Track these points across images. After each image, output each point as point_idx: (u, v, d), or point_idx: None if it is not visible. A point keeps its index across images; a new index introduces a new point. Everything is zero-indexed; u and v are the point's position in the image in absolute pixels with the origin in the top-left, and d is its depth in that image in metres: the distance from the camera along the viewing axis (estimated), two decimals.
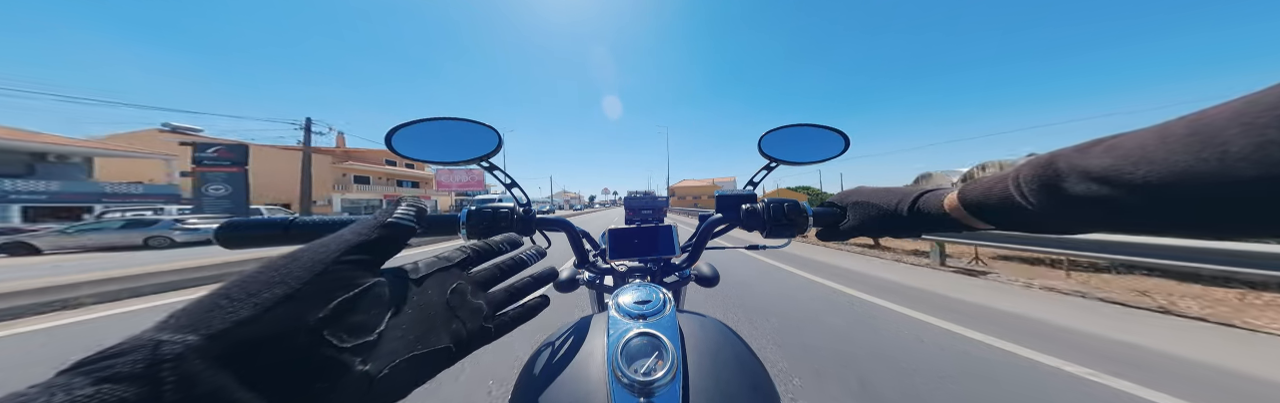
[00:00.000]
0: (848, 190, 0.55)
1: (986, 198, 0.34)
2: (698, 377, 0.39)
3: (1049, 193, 0.27)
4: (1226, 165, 0.18)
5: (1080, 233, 0.31)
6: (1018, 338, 2.53)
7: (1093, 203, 0.25)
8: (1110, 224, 0.26)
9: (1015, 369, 2.10)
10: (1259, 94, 0.19)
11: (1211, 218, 0.21)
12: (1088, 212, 0.26)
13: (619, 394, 0.36)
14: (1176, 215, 0.22)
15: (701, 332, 0.48)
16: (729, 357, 0.45)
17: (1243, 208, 0.19)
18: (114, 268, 4.37)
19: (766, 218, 0.60)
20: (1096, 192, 0.24)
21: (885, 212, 0.47)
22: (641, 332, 0.41)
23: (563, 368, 0.42)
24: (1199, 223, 0.22)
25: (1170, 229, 0.24)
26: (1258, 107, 0.18)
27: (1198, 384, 1.91)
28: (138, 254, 9.08)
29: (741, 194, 0.67)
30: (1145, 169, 0.21)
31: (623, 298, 0.48)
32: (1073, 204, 0.26)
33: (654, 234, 0.78)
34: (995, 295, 3.76)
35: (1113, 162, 0.23)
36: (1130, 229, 0.26)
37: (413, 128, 0.61)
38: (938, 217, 0.41)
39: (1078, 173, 0.25)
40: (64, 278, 3.84)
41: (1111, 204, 0.24)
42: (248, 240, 0.46)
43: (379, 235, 0.25)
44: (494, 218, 0.58)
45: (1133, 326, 2.82)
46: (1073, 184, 0.25)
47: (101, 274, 3.98)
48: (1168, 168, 0.20)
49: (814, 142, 0.72)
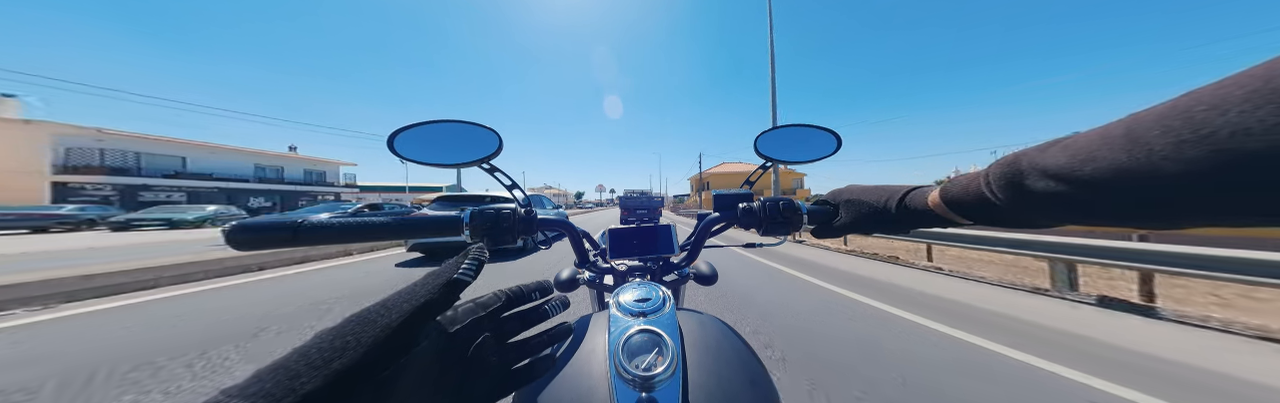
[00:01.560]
0: (839, 189, 0.56)
1: (963, 195, 0.36)
2: (697, 372, 0.40)
3: (1014, 189, 0.29)
4: (1152, 163, 0.20)
5: (1043, 227, 0.33)
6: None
7: (1050, 198, 0.27)
8: (1066, 218, 0.29)
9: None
10: (1179, 99, 0.20)
11: (1146, 211, 0.23)
12: (1046, 206, 0.28)
13: (620, 389, 0.37)
14: (1117, 209, 0.24)
15: (701, 329, 0.49)
16: (728, 353, 0.46)
17: (1169, 201, 0.21)
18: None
19: (763, 216, 0.61)
20: (1053, 188, 0.26)
21: (875, 209, 0.48)
22: (642, 328, 0.42)
23: (565, 363, 0.43)
24: (1136, 216, 0.24)
25: (1115, 222, 0.26)
26: (1175, 110, 0.20)
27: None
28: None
29: (738, 193, 0.68)
30: (1091, 166, 0.23)
31: (623, 296, 0.49)
32: (1034, 199, 0.28)
33: (653, 234, 0.79)
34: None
35: (1066, 160, 0.25)
36: (1082, 222, 0.28)
37: (414, 131, 0.62)
38: (923, 213, 0.42)
39: (1037, 171, 0.27)
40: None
41: (1065, 199, 0.26)
42: (259, 242, 0.47)
43: (442, 295, 0.25)
44: (496, 219, 0.59)
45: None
46: (1033, 181, 0.27)
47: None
48: (1108, 165, 0.22)
49: (808, 141, 0.74)
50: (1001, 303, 3.45)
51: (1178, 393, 1.81)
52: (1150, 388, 1.84)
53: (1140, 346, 2.37)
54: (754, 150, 0.74)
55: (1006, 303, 3.46)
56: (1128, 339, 2.48)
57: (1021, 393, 1.79)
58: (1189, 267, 3.19)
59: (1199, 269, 3.12)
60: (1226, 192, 0.18)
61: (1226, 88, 0.18)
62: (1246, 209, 0.19)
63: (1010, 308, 3.29)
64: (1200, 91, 0.20)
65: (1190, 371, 2.04)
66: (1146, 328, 2.76)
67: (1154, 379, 1.93)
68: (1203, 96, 0.19)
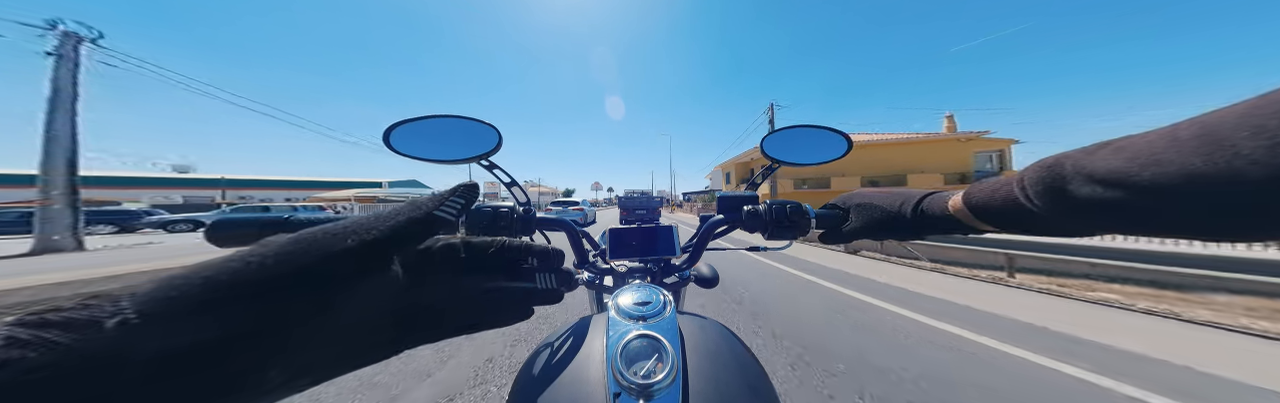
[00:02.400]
0: (850, 193, 0.55)
1: (991, 200, 0.34)
2: (697, 379, 0.39)
3: (1054, 195, 0.27)
4: (1235, 167, 0.18)
5: (1083, 236, 0.31)
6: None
7: (1099, 205, 0.25)
8: (1115, 226, 0.27)
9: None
10: (1269, 95, 0.19)
11: (1220, 220, 0.21)
12: (1092, 214, 0.26)
13: (618, 397, 0.36)
14: (1184, 218, 0.22)
15: (701, 334, 0.48)
16: (729, 359, 0.45)
17: (1251, 211, 0.19)
18: None
19: (768, 220, 0.60)
20: (1102, 194, 0.24)
21: (889, 213, 0.46)
22: (641, 333, 0.41)
23: (562, 370, 0.42)
24: (1207, 226, 0.22)
25: (1177, 232, 0.24)
26: (1266, 108, 0.18)
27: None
28: None
29: (743, 195, 0.67)
30: (1152, 171, 0.21)
31: (622, 299, 0.48)
32: (1078, 206, 0.26)
33: (654, 235, 0.78)
34: None
35: (1120, 164, 0.23)
36: (1136, 231, 0.26)
37: (410, 126, 0.60)
38: (941, 218, 0.41)
39: (1083, 175, 0.25)
40: None
41: (1118, 206, 0.24)
42: (240, 239, 0.45)
43: (413, 230, 0.22)
44: (494, 217, 0.58)
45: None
46: (1077, 186, 0.25)
47: None
48: (1177, 170, 0.20)
49: (816, 143, 0.72)
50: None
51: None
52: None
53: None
54: (760, 152, 0.72)
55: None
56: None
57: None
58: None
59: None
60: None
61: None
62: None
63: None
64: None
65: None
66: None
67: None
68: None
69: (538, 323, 2.61)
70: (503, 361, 2.11)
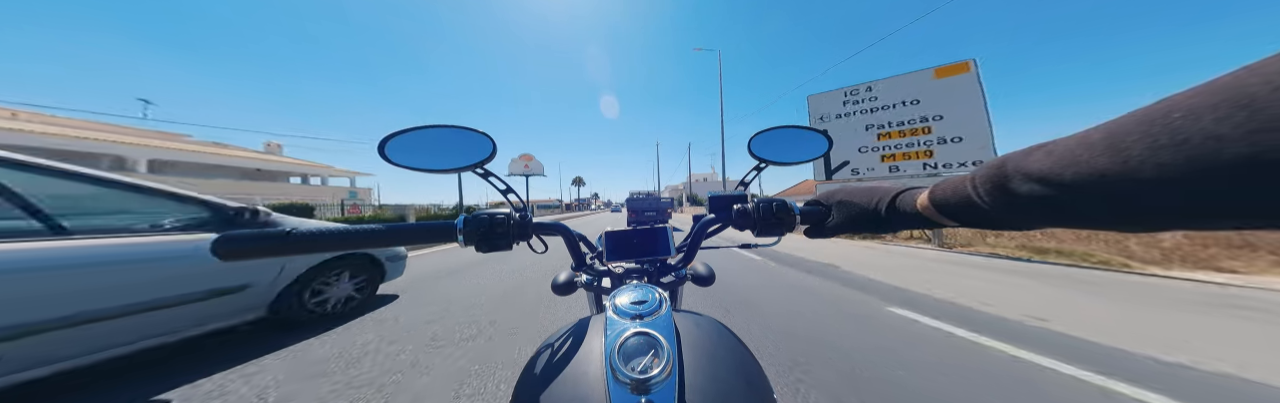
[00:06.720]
0: (832, 189, 0.57)
1: (951, 197, 0.36)
2: (693, 373, 0.41)
3: (999, 192, 0.30)
4: (1130, 167, 0.21)
5: (1027, 229, 0.33)
6: None
7: (1033, 201, 0.27)
8: (1048, 220, 0.29)
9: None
10: (1157, 104, 0.21)
11: (1122, 215, 0.23)
12: (1030, 209, 0.28)
13: (617, 392, 0.37)
14: (1096, 212, 0.24)
15: (697, 330, 0.50)
16: (724, 354, 0.46)
17: (1145, 206, 0.21)
18: None
19: (757, 217, 0.61)
20: (1037, 191, 0.27)
21: (866, 210, 0.48)
22: (638, 331, 0.43)
23: (562, 368, 0.43)
24: (1116, 219, 0.24)
25: (1095, 224, 0.26)
26: (1153, 116, 0.20)
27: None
28: None
29: (733, 195, 0.69)
30: (1072, 171, 0.24)
31: (620, 299, 0.50)
32: (1018, 202, 0.29)
33: (650, 236, 0.79)
34: None
35: (1048, 164, 0.25)
36: (1065, 224, 0.28)
37: (404, 137, 0.61)
38: (911, 215, 0.43)
39: (1021, 174, 0.27)
40: None
41: (1048, 202, 0.26)
42: (247, 253, 0.47)
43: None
44: (491, 224, 0.58)
45: None
46: (1018, 184, 0.28)
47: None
48: (1088, 170, 0.23)
49: (799, 142, 0.74)
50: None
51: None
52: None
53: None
54: (748, 152, 0.74)
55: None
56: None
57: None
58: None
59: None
60: (1200, 197, 0.19)
61: (1201, 95, 0.19)
62: (1219, 213, 0.19)
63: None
64: (1176, 98, 0.20)
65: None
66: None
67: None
68: (1179, 103, 0.20)
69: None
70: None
